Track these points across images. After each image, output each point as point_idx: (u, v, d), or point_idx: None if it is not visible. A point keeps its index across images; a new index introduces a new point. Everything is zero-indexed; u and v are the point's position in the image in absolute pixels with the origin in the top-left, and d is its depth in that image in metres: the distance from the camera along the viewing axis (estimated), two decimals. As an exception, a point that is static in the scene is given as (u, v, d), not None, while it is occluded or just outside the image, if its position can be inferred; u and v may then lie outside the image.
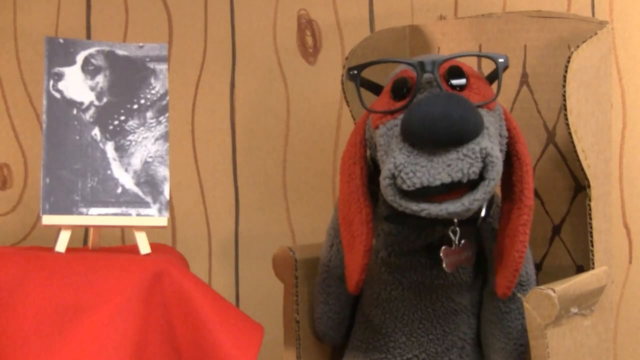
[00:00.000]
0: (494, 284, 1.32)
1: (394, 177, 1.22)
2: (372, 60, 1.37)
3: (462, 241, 1.33)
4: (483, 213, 1.31)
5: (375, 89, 1.40)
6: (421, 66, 1.29)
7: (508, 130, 1.31)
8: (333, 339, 1.45)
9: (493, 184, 1.21)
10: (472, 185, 1.22)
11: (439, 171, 1.20)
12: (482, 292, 1.38)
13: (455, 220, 1.30)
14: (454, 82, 1.30)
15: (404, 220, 1.34)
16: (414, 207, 1.22)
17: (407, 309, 1.38)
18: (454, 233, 1.31)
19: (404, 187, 1.21)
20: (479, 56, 1.37)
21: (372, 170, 1.36)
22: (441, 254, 1.32)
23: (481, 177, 1.22)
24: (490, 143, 1.22)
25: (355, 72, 1.35)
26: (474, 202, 1.21)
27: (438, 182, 1.20)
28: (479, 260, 1.37)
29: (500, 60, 1.31)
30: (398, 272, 1.37)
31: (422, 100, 1.24)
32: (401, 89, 1.30)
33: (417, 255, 1.36)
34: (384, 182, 1.23)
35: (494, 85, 1.33)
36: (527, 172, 1.28)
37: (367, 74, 1.38)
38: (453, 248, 1.32)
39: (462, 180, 1.20)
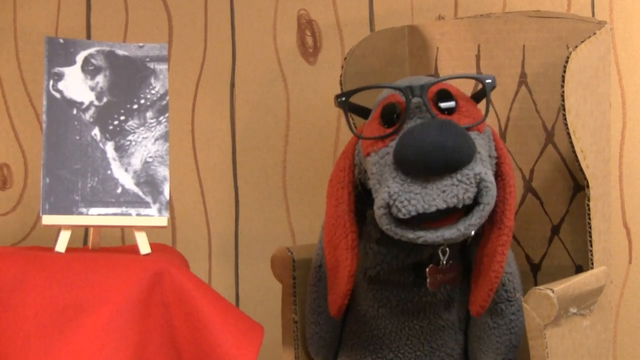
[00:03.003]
0: (470, 302, 1.31)
1: (388, 206, 1.22)
2: (360, 87, 1.37)
3: (450, 262, 1.32)
4: (472, 232, 1.31)
5: (362, 112, 1.39)
6: (410, 91, 1.28)
7: (496, 150, 1.31)
8: (325, 357, 1.45)
9: (488, 208, 1.22)
10: (466, 209, 1.23)
11: (434, 197, 1.20)
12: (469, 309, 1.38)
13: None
14: (443, 105, 1.29)
15: (395, 242, 1.34)
16: (410, 235, 1.22)
17: (394, 325, 1.37)
18: (443, 253, 1.32)
19: (400, 215, 1.21)
20: (467, 78, 1.36)
21: (361, 191, 1.36)
22: (427, 272, 1.32)
23: (475, 201, 1.22)
24: (484, 168, 1.23)
25: (344, 99, 1.35)
26: (470, 227, 1.22)
27: (433, 209, 1.20)
28: (465, 277, 1.37)
29: (488, 81, 1.31)
30: (386, 290, 1.37)
31: (414, 128, 1.23)
32: (390, 115, 1.30)
33: (405, 273, 1.35)
34: (378, 211, 1.23)
35: (482, 106, 1.33)
36: (510, 194, 1.28)
37: (358, 85, 1.37)
38: (440, 267, 1.32)
39: (458, 206, 1.20)
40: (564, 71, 1.30)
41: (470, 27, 1.54)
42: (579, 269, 1.46)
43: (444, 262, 1.32)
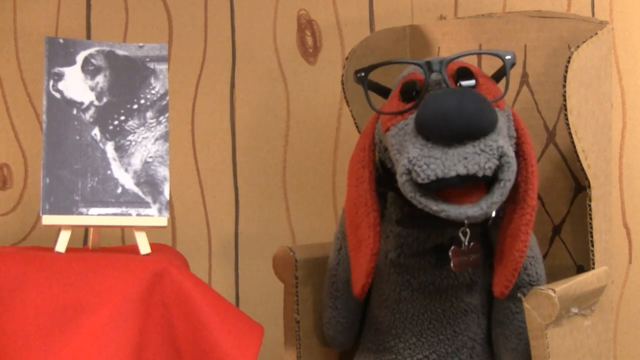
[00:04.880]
0: (494, 283, 1.31)
1: (409, 172, 1.21)
2: (379, 62, 1.37)
3: (472, 243, 1.32)
4: (493, 214, 1.30)
5: (382, 91, 1.39)
6: (428, 66, 1.28)
7: (516, 130, 1.30)
8: (343, 343, 1.45)
9: (509, 185, 1.21)
10: (486, 183, 1.22)
11: (454, 162, 1.19)
12: (493, 293, 1.37)
13: (466, 222, 1.29)
14: (464, 83, 1.29)
15: (415, 222, 1.33)
16: (434, 206, 1.21)
17: (416, 309, 1.37)
18: (464, 234, 1.31)
19: (419, 180, 1.20)
20: (486, 54, 1.36)
21: (381, 173, 1.35)
22: (450, 254, 1.32)
23: (495, 177, 1.21)
24: (505, 143, 1.21)
25: (363, 74, 1.35)
26: (492, 205, 1.20)
27: (453, 173, 1.19)
28: (487, 261, 1.37)
29: (508, 57, 1.30)
30: (407, 273, 1.37)
31: (436, 94, 1.23)
32: (410, 91, 1.30)
33: (426, 255, 1.35)
34: (400, 179, 1.22)
35: (501, 85, 1.33)
36: (532, 173, 1.27)
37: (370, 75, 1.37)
38: (462, 249, 1.32)
39: (478, 174, 1.19)
40: (566, 71, 1.30)
41: (472, 27, 1.54)
42: (580, 269, 1.46)
43: (466, 244, 1.31)
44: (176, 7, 1.81)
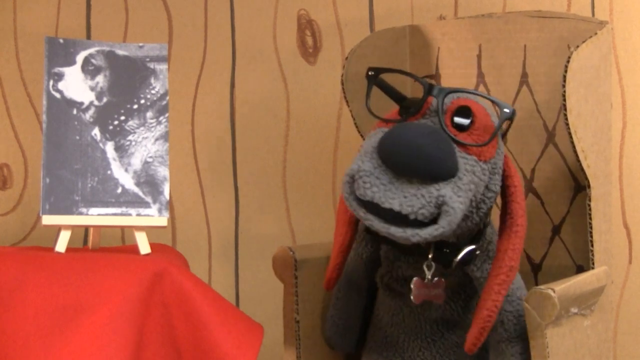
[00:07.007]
0: (467, 336, 1.28)
1: (353, 179, 1.21)
2: (393, 69, 1.34)
3: (435, 279, 1.31)
4: (459, 258, 1.29)
5: (394, 94, 1.38)
6: (429, 87, 1.27)
7: (507, 187, 1.28)
8: (338, 345, 1.45)
9: (441, 231, 1.19)
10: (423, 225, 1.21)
11: (393, 197, 1.19)
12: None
13: (430, 256, 1.29)
14: (457, 119, 1.26)
15: (396, 249, 1.34)
16: (361, 213, 1.21)
17: (407, 335, 1.37)
18: (429, 267, 1.31)
19: (357, 193, 1.20)
20: (488, 99, 1.31)
21: None
22: (412, 284, 1.32)
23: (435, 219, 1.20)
24: (453, 193, 1.19)
25: (373, 73, 1.34)
26: (415, 235, 1.19)
27: (387, 206, 1.18)
28: (475, 300, 1.36)
29: (506, 110, 1.26)
30: (398, 298, 1.37)
31: (409, 124, 1.23)
32: (409, 107, 1.29)
33: (407, 284, 1.35)
34: (344, 177, 1.22)
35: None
36: (515, 233, 1.26)
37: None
38: (425, 281, 1.31)
39: (409, 217, 1.18)
40: (565, 71, 1.30)
41: (472, 27, 1.54)
42: (580, 269, 1.46)
43: (429, 277, 1.31)
44: (176, 7, 1.81)
